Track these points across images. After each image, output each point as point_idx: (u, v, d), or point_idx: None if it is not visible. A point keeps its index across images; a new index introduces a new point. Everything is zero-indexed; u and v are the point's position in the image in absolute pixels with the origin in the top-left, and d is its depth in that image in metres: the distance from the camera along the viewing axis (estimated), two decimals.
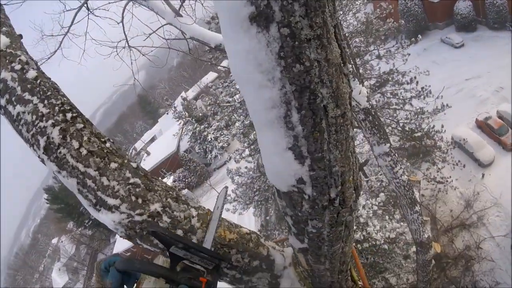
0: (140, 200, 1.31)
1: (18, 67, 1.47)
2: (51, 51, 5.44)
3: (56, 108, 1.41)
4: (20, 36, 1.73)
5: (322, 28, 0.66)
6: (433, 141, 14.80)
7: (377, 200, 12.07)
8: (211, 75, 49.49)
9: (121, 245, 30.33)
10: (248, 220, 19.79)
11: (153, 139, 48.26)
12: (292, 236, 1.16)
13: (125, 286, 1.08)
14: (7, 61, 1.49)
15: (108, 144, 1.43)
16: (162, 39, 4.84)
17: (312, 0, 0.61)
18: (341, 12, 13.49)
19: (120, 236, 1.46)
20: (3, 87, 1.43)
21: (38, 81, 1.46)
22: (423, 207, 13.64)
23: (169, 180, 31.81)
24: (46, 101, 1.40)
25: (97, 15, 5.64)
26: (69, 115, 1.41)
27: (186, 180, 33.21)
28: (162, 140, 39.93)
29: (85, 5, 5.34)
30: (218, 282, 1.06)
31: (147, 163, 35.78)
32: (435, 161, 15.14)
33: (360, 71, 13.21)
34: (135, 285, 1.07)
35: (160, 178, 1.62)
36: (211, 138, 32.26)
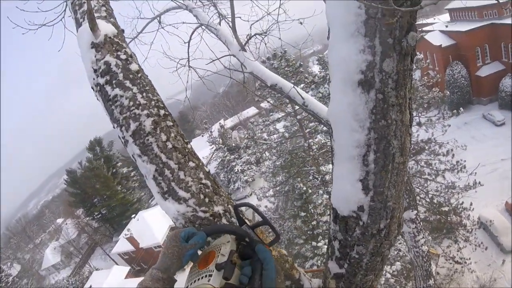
0: (207, 200, 1.45)
1: (123, 56, 1.60)
2: None
3: (153, 102, 1.56)
4: (123, 30, 1.86)
5: (403, 98, 0.92)
6: (459, 218, 14.26)
7: (392, 268, 11.67)
8: (252, 110, 51.23)
9: (122, 246, 30.44)
10: None
11: None
12: (332, 261, 1.33)
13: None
14: (114, 48, 1.60)
15: (189, 146, 1.61)
16: (224, 67, 5.12)
17: (400, 93, 0.89)
18: None
19: (176, 226, 1.56)
20: (105, 68, 1.54)
21: (139, 75, 1.60)
22: (436, 286, 12.94)
23: None
24: (144, 94, 1.53)
25: (166, 30, 5.98)
26: (162, 112, 1.57)
27: None
28: None
29: (158, 18, 5.64)
30: None
31: None
32: (458, 239, 14.50)
33: None
34: (201, 254, 1.15)
35: None
36: (238, 170, 32.85)
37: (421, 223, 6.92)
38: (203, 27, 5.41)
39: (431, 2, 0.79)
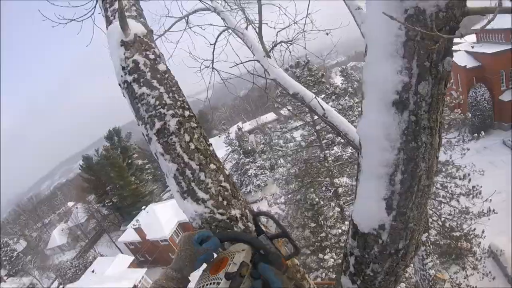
0: (225, 202, 1.45)
1: (152, 56, 1.63)
2: None
3: (178, 103, 1.58)
4: (151, 31, 1.89)
5: (435, 122, 0.93)
6: (469, 245, 13.93)
7: None
8: (271, 116, 51.72)
9: (129, 236, 30.88)
10: None
11: None
12: (346, 276, 1.34)
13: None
14: (143, 48, 1.63)
15: (211, 148, 1.62)
16: (248, 72, 5.15)
17: (432, 117, 0.90)
18: None
19: (192, 227, 1.57)
20: (134, 67, 1.57)
21: (166, 75, 1.62)
22: None
23: None
24: (170, 94, 1.56)
25: (193, 31, 6.04)
26: (187, 113, 1.59)
27: None
28: None
29: (186, 18, 5.70)
30: None
31: None
32: (466, 266, 14.15)
33: None
34: (215, 258, 1.15)
35: None
36: (251, 173, 33.07)
37: (431, 246, 6.82)
38: (229, 30, 5.47)
39: (476, 30, 0.80)
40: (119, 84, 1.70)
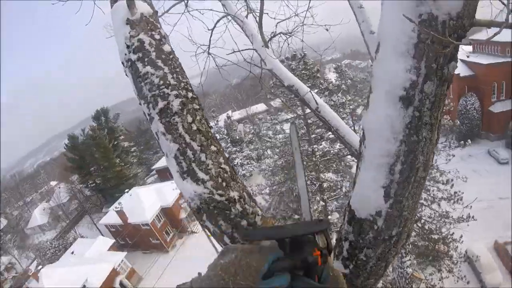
0: (224, 184, 1.48)
1: (157, 36, 1.62)
2: None
3: (182, 84, 1.57)
4: (157, 12, 1.84)
5: (435, 119, 1.01)
6: (446, 248, 14.37)
7: None
8: (261, 106, 51.77)
9: (111, 218, 30.57)
10: None
11: None
12: (338, 260, 1.40)
13: None
14: (149, 27, 1.63)
15: (212, 130, 1.65)
16: (244, 60, 5.14)
17: (434, 114, 1.00)
18: None
19: (190, 207, 1.60)
20: (138, 45, 1.56)
21: (171, 56, 1.62)
22: None
23: None
24: (175, 75, 1.56)
25: (191, 14, 5.97)
26: (190, 94, 1.60)
27: None
28: None
29: (185, 1, 5.61)
30: None
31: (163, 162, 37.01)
32: (442, 269, 14.61)
33: None
34: None
35: None
36: (238, 163, 33.00)
37: (409, 245, 7.03)
38: (229, 17, 5.41)
39: (481, 41, 0.86)
40: (122, 62, 1.68)
